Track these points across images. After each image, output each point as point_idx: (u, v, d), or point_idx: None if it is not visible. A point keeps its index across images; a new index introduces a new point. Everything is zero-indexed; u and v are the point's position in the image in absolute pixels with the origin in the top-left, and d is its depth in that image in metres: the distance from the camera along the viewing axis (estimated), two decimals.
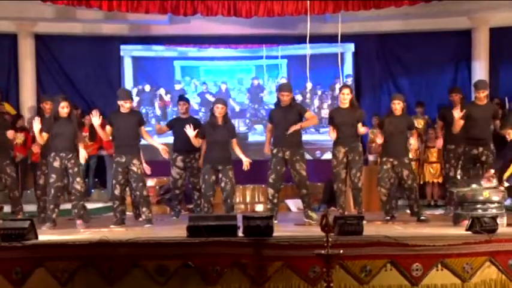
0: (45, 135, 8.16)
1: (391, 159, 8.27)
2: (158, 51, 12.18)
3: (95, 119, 8.21)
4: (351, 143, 8.34)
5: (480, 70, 12.14)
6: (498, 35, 12.12)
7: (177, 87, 12.12)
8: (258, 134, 11.27)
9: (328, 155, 10.83)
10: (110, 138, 8.39)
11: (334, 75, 11.86)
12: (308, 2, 9.30)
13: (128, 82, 12.09)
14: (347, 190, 8.75)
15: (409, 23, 12.09)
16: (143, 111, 11.79)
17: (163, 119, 11.93)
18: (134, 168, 8.18)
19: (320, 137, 11.95)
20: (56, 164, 8.13)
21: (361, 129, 8.41)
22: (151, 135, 9.24)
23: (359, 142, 8.47)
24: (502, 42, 12.12)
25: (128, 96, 8.39)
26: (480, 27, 12.14)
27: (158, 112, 12.18)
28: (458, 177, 8.63)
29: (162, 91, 12.16)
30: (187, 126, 8.32)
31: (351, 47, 12.19)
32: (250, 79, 12.15)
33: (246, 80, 12.05)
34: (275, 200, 8.32)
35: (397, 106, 8.32)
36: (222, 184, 8.39)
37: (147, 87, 12.25)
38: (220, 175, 8.39)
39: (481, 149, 8.23)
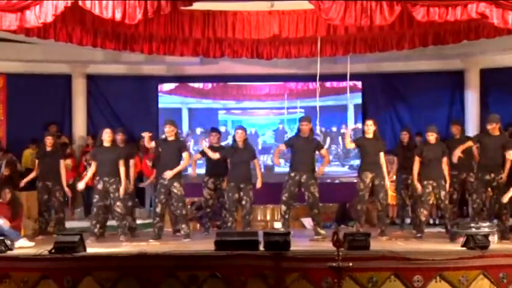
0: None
1: (431, 182, 8.20)
2: (207, 103, 12.79)
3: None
4: (377, 169, 8.30)
5: (472, 105, 12.02)
6: (487, 75, 12.02)
7: (222, 129, 12.44)
8: (281, 166, 11.55)
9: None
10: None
11: (341, 121, 12.46)
12: (319, 45, 9.31)
13: (185, 126, 12.63)
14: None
15: (409, 64, 12.02)
16: (194, 148, 12.14)
17: None
18: (175, 190, 8.17)
19: (329, 169, 12.21)
20: (100, 186, 8.16)
21: (382, 158, 8.37)
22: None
23: (382, 168, 8.37)
24: (490, 81, 12.01)
25: (170, 122, 8.37)
26: (471, 69, 12.03)
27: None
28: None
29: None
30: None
31: (356, 100, 12.39)
32: (278, 123, 12.78)
33: (271, 126, 12.89)
34: (287, 216, 8.32)
35: (431, 137, 8.30)
36: (243, 202, 8.41)
37: (198, 130, 12.63)
38: (241, 193, 8.39)
39: (492, 175, 8.03)
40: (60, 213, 8.97)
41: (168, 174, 8.11)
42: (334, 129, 12.51)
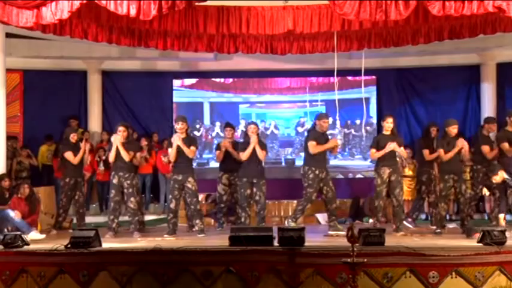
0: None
1: (452, 176, 8.16)
2: (228, 97, 12.85)
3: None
4: (394, 165, 8.30)
5: (488, 99, 11.92)
6: (504, 69, 11.91)
7: (242, 123, 12.52)
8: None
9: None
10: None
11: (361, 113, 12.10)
12: (335, 40, 9.27)
13: (206, 120, 12.71)
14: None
15: (424, 58, 11.95)
16: (215, 141, 12.21)
17: None
18: (189, 185, 8.20)
19: (352, 162, 12.55)
20: (115, 181, 8.22)
21: (403, 152, 8.49)
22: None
23: (399, 164, 8.39)
24: (507, 75, 11.90)
25: (181, 119, 8.40)
26: (488, 63, 11.93)
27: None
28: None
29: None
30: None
31: (373, 93, 12.41)
32: (299, 117, 12.75)
33: (295, 119, 12.84)
34: (305, 211, 8.38)
35: (455, 130, 8.26)
36: (256, 197, 8.43)
37: (217, 124, 12.68)
38: (254, 189, 8.39)
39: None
40: (83, 208, 9.06)
41: (177, 139, 8.07)
42: (357, 121, 12.44)
